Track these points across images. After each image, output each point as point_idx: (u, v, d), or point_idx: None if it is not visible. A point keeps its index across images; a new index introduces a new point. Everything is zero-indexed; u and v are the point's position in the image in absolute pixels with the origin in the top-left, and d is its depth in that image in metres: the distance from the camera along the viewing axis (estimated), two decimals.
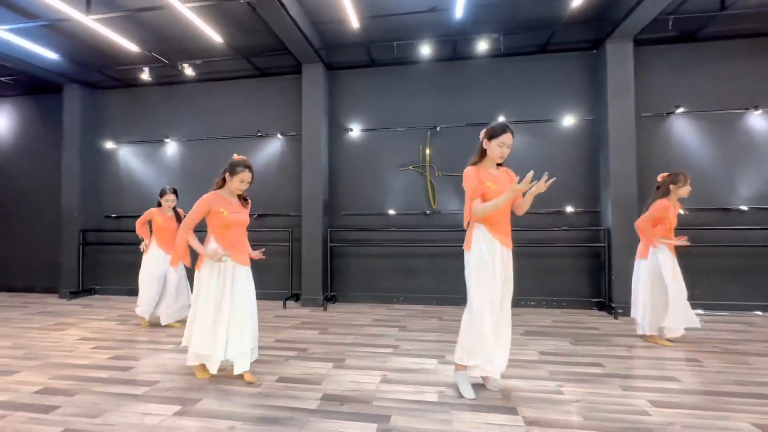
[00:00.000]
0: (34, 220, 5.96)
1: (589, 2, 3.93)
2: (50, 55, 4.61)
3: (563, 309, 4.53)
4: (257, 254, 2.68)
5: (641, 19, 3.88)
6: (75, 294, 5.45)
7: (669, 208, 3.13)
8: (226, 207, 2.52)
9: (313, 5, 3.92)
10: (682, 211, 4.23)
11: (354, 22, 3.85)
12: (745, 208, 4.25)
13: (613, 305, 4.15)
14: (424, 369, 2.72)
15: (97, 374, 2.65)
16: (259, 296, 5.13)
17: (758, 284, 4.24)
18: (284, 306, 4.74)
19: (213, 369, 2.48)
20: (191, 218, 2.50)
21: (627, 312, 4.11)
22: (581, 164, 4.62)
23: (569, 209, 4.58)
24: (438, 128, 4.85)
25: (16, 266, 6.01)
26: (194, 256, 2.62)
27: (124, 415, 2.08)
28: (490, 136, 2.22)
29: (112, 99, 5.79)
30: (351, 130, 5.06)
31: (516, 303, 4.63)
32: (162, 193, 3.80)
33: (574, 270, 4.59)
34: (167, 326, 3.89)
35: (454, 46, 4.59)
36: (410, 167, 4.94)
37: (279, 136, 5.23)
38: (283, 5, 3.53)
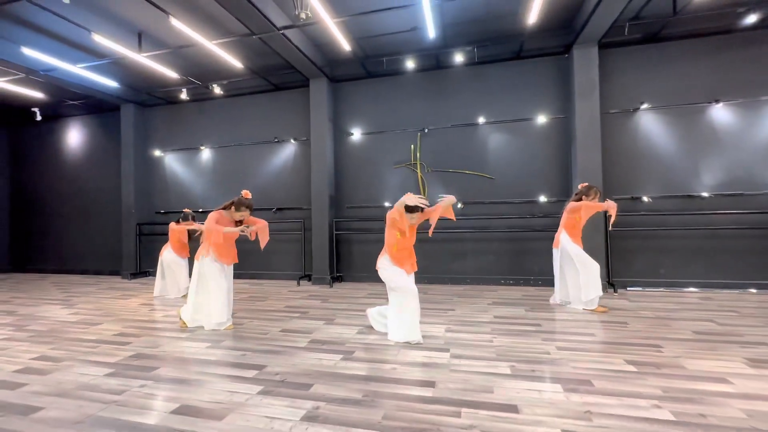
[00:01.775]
0: (101, 216, 7.29)
1: (553, 12, 4.43)
2: (111, 83, 5.76)
3: (538, 287, 5.10)
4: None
5: (600, 25, 4.34)
6: (134, 275, 6.69)
7: (579, 210, 3.81)
8: (225, 225, 3.46)
9: (313, 32, 4.72)
10: (646, 199, 4.69)
11: (345, 45, 4.61)
12: (706, 194, 4.60)
13: None
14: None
15: (154, 325, 3.65)
16: (277, 276, 6.14)
17: (721, 264, 4.60)
18: (298, 283, 5.66)
19: (222, 326, 3.48)
20: (214, 225, 3.41)
21: None
22: (555, 158, 5.14)
23: (543, 198, 5.12)
24: (426, 130, 5.52)
25: (89, 254, 7.39)
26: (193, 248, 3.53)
27: (174, 347, 3.02)
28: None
29: (158, 115, 6.95)
30: (352, 133, 5.86)
31: (495, 281, 5.27)
32: (186, 217, 4.91)
33: (549, 252, 5.13)
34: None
35: (436, 57, 5.24)
36: (403, 165, 5.66)
37: (292, 141, 6.12)
38: (287, 38, 4.36)
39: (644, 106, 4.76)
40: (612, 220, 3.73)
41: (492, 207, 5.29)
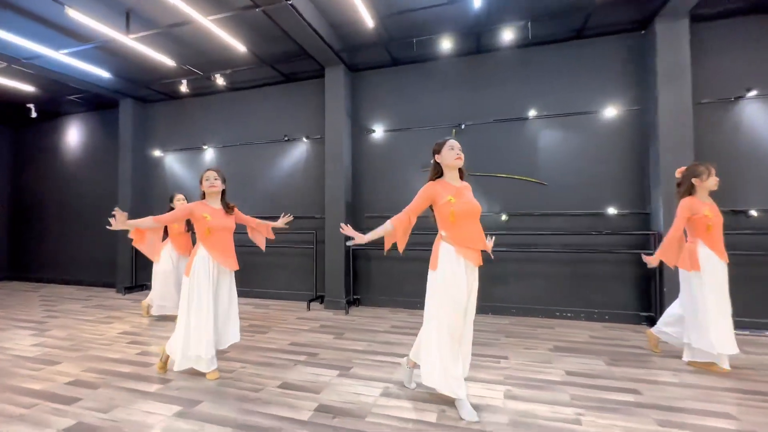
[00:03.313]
0: (97, 222, 6.66)
1: None
2: (103, 73, 5.11)
3: (605, 323, 4.07)
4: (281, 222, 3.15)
5: None
6: (129, 289, 6.00)
7: (696, 205, 2.68)
8: (209, 213, 2.66)
9: (328, 8, 3.90)
10: (754, 213, 3.62)
11: (369, 21, 3.77)
12: None
13: None
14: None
15: (123, 369, 2.85)
16: (285, 297, 5.29)
17: None
18: (308, 307, 4.81)
19: (209, 367, 2.62)
20: (169, 216, 2.71)
21: None
22: (626, 161, 4.12)
23: (612, 211, 4.10)
24: (463, 126, 4.60)
25: (85, 263, 6.77)
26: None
27: (131, 412, 2.19)
28: (436, 150, 2.33)
29: (158, 111, 6.29)
30: (374, 131, 5.00)
31: (548, 314, 4.26)
32: (171, 199, 4.12)
33: (619, 279, 4.10)
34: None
35: (477, 38, 4.32)
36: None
37: (304, 139, 5.31)
38: (297, 10, 3.55)
39: (751, 93, 3.70)
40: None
41: (543, 220, 4.31)
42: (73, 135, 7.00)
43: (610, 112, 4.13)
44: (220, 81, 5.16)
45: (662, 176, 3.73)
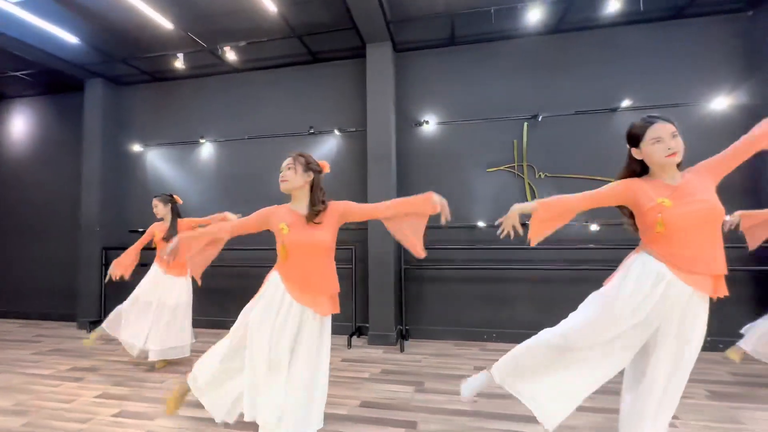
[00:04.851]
0: (52, 236, 5.20)
1: None
2: (70, 38, 3.86)
3: (717, 352, 3.41)
4: None
5: None
6: (95, 324, 4.61)
7: None
8: (289, 222, 1.71)
9: None
10: None
11: None
12: None
13: None
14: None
15: None
16: None
17: None
18: (349, 345, 3.78)
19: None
20: (242, 222, 1.79)
21: None
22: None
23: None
24: (540, 118, 3.85)
25: (31, 290, 5.24)
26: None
27: None
28: (633, 140, 1.60)
29: (140, 95, 5.03)
30: (426, 122, 4.12)
31: None
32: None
33: (740, 301, 3.47)
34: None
35: (564, 12, 3.60)
36: (502, 167, 3.95)
37: (336, 132, 4.32)
38: None
39: None
40: None
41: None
42: (18, 125, 5.50)
43: (717, 104, 3.54)
44: (230, 56, 4.07)
45: None
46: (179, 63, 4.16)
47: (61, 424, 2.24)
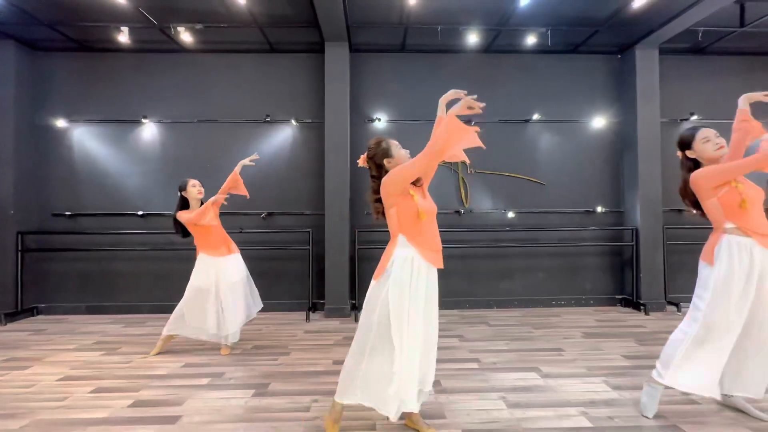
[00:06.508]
0: None
1: (647, 4, 3.83)
2: None
3: (590, 306, 4.62)
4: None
5: (674, 28, 4.03)
6: (11, 316, 4.19)
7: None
8: (412, 187, 1.90)
9: None
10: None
11: None
12: None
13: (642, 302, 4.32)
14: (547, 386, 2.45)
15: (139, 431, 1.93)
16: (274, 307, 4.45)
17: None
18: (307, 318, 4.14)
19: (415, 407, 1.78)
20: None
21: (655, 308, 4.33)
22: (606, 165, 4.74)
23: (599, 209, 4.67)
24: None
25: None
26: None
27: None
28: (685, 145, 1.97)
29: (61, 64, 4.53)
30: (378, 120, 4.59)
31: (545, 303, 4.62)
32: (183, 186, 3.04)
33: (599, 268, 4.72)
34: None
35: (495, 37, 4.36)
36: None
37: (293, 122, 4.54)
38: None
39: (694, 117, 4.66)
40: None
41: (542, 217, 4.65)
42: None
43: (598, 122, 4.69)
44: (184, 38, 3.98)
45: (639, 180, 4.41)
46: (123, 37, 3.92)
47: (38, 405, 2.25)
